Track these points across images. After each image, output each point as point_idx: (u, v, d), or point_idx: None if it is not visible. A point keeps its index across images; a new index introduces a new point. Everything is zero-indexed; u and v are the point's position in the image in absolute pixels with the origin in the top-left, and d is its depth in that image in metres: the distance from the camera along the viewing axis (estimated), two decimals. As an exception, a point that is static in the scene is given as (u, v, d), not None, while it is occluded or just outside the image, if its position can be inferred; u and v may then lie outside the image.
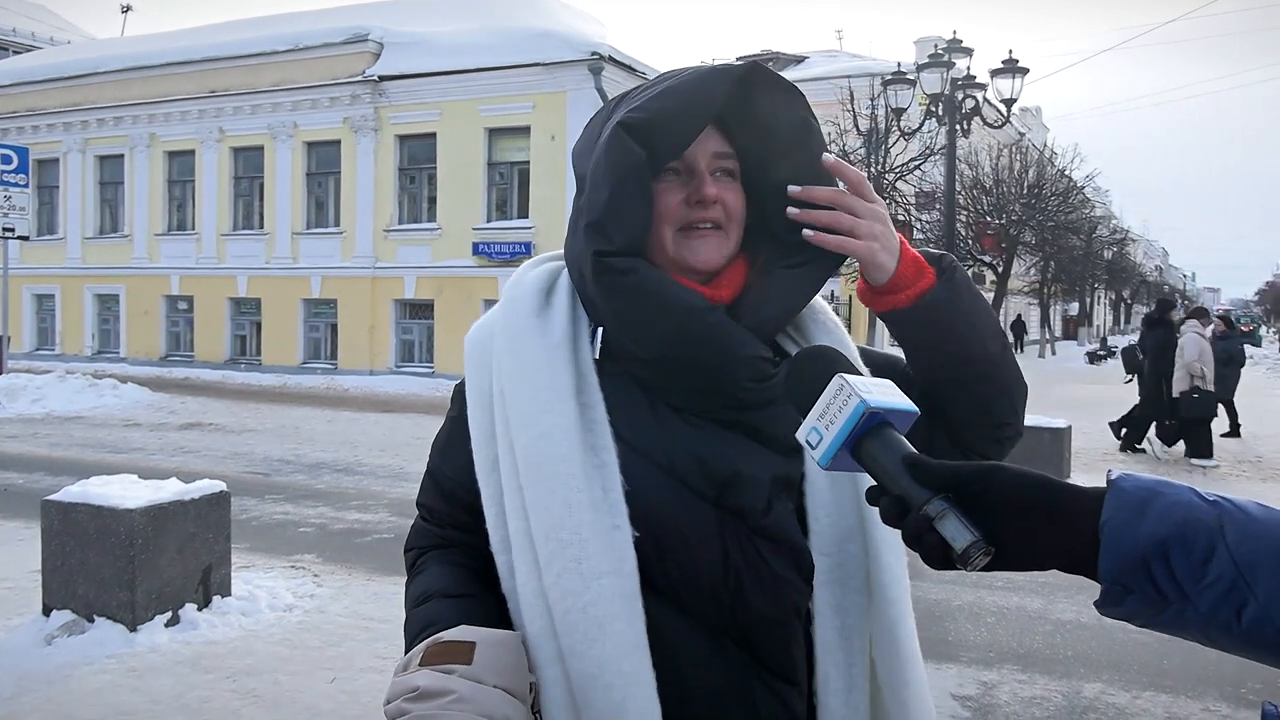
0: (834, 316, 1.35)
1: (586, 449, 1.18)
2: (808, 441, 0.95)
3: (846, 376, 0.95)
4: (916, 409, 0.95)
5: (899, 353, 1.35)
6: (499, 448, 1.22)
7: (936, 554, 0.87)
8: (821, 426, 0.94)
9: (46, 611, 4.85)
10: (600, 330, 1.24)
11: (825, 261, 1.26)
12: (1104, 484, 0.86)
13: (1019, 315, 44.84)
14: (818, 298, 1.33)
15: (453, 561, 1.29)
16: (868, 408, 0.91)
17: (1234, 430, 14.09)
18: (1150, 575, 0.80)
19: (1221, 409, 12.82)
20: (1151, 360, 12.64)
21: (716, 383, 1.20)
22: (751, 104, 1.23)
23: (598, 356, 1.24)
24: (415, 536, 1.38)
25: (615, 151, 1.18)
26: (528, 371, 1.21)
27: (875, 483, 0.94)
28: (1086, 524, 0.83)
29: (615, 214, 1.18)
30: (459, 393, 1.32)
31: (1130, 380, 13.63)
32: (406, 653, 1.15)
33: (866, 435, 0.93)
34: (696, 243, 1.23)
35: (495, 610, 1.22)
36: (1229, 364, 13.53)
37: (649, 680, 1.14)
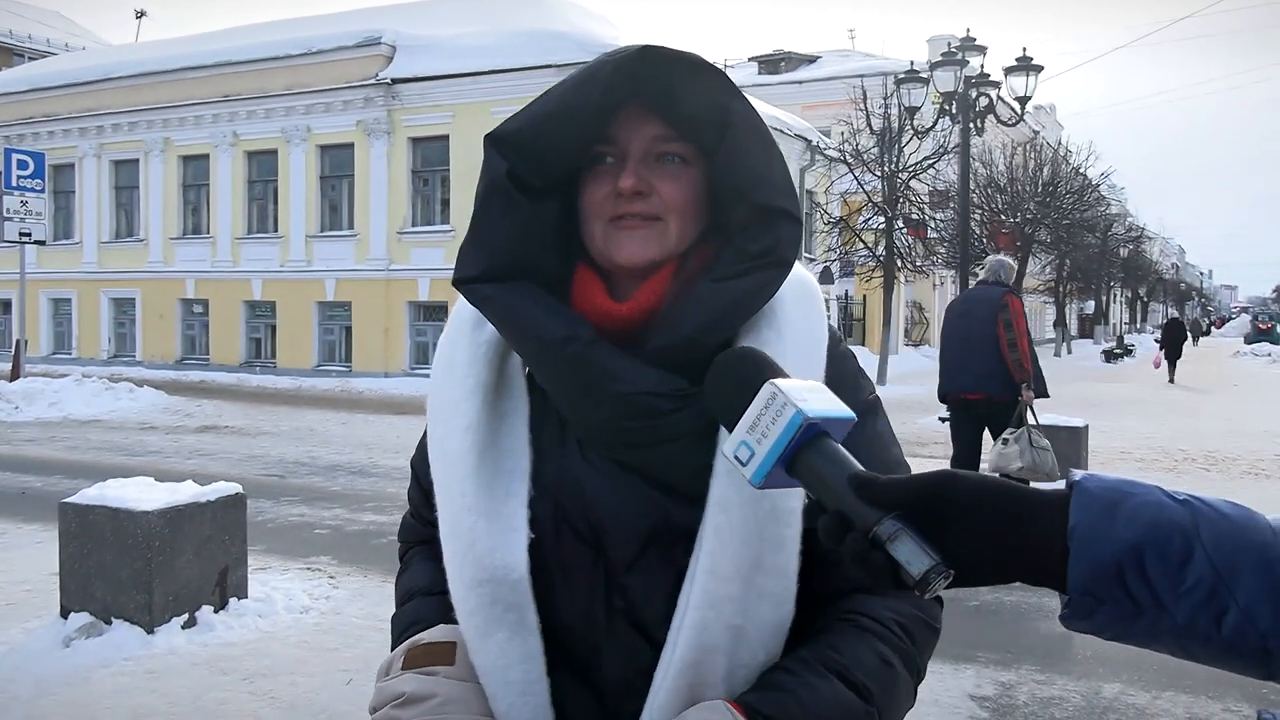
0: (810, 320, 1.16)
1: (492, 450, 1.12)
2: (737, 458, 0.83)
3: (779, 382, 0.83)
4: (854, 415, 0.85)
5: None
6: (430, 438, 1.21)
7: (884, 575, 0.77)
8: (752, 440, 0.83)
9: (64, 614, 4.86)
10: None
11: (766, 273, 1.09)
12: (1065, 486, 0.79)
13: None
14: (805, 288, 1.17)
15: (434, 557, 1.25)
16: (805, 418, 0.80)
17: None
18: (1124, 583, 0.74)
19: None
20: None
21: (594, 421, 1.09)
22: (674, 89, 1.08)
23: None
24: (404, 530, 1.39)
25: (482, 168, 1.12)
26: (452, 366, 1.17)
27: (813, 498, 0.83)
28: (1053, 531, 0.76)
29: (475, 237, 1.12)
30: None
31: None
32: (392, 650, 1.14)
33: (803, 448, 0.81)
34: (623, 236, 1.10)
35: None
36: None
37: (540, 690, 1.08)
